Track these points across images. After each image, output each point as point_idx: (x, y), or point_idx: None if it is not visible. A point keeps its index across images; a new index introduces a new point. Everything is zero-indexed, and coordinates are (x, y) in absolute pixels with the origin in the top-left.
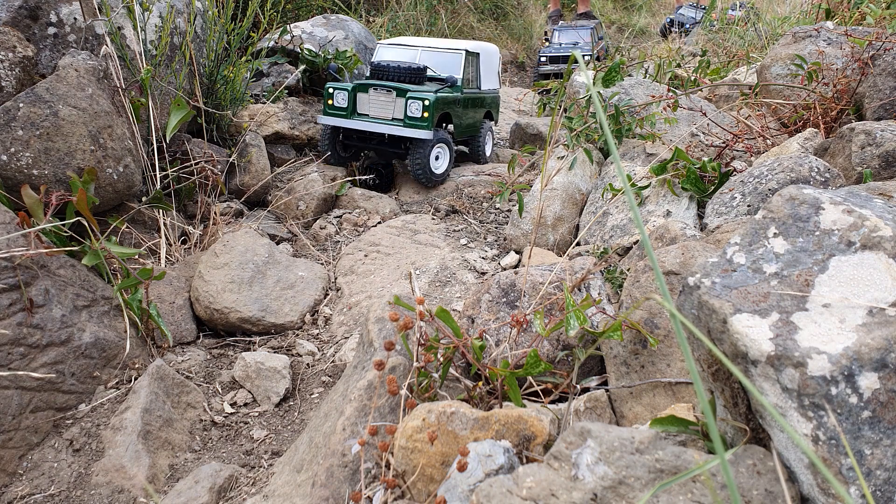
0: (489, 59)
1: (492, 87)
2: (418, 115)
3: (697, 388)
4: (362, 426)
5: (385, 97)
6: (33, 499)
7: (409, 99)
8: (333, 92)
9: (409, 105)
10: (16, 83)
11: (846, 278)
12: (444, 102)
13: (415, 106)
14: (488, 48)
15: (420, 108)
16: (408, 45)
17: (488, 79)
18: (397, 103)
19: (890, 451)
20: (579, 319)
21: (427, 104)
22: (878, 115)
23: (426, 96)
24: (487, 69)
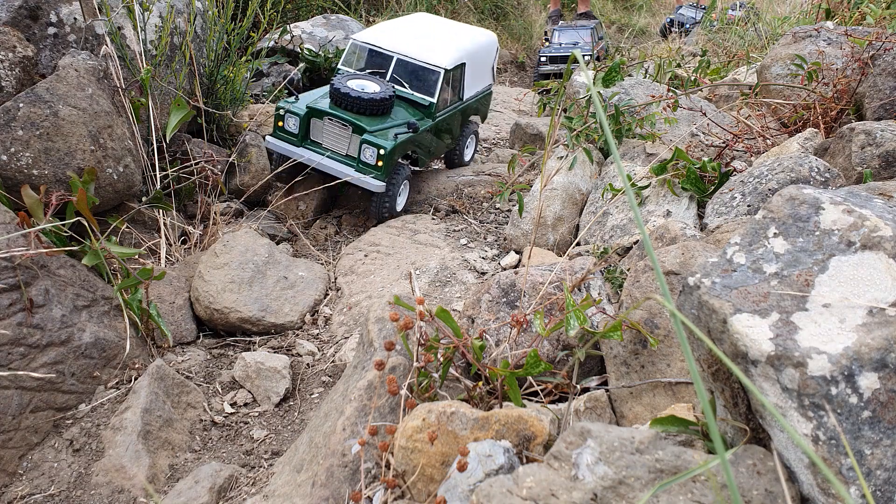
0: (482, 58)
1: (480, 89)
2: (371, 163)
3: (697, 388)
4: (362, 426)
5: (341, 130)
6: (33, 499)
7: (364, 143)
8: (284, 114)
9: (362, 149)
10: (16, 83)
11: (846, 278)
12: (405, 145)
13: (369, 152)
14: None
15: (374, 155)
16: (382, 48)
17: (477, 81)
18: (353, 140)
19: (890, 451)
20: (579, 319)
21: (382, 153)
22: (878, 115)
23: (382, 143)
24: (477, 70)
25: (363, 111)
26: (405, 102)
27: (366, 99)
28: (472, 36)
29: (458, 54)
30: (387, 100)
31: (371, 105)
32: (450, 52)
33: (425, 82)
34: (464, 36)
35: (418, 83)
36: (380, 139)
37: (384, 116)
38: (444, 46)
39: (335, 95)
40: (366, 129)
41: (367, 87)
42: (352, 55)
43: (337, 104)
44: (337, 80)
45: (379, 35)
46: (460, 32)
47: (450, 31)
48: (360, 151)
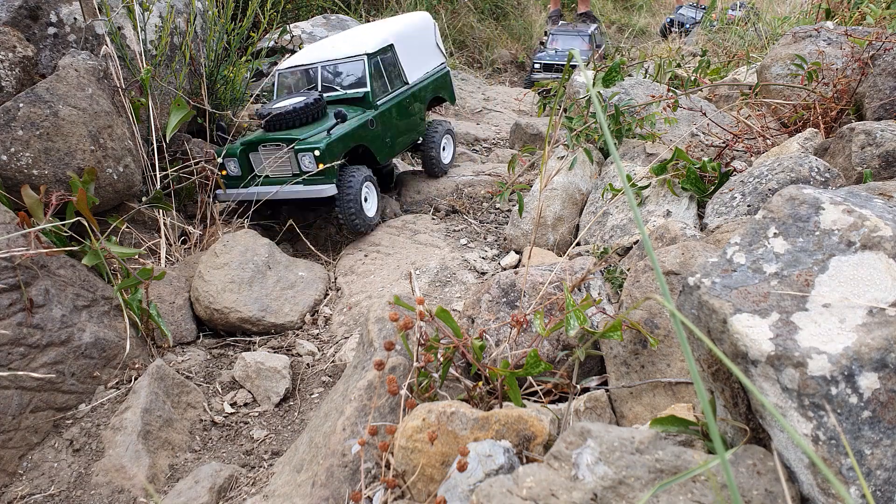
0: (416, 37)
1: (429, 69)
2: (312, 168)
3: (697, 388)
4: (362, 426)
5: (278, 152)
6: (33, 499)
7: (298, 152)
8: (224, 160)
9: (300, 159)
10: (16, 83)
11: (846, 278)
12: (345, 139)
13: (306, 159)
14: (411, 24)
15: (312, 160)
16: (304, 64)
17: (420, 62)
18: (292, 157)
19: (890, 451)
20: (579, 319)
21: (318, 154)
22: (878, 115)
23: (314, 144)
24: (415, 50)
25: (292, 124)
26: (342, 105)
27: (289, 111)
28: (397, 20)
29: (379, 38)
30: (311, 104)
31: (297, 115)
32: (369, 39)
33: (353, 76)
34: (386, 23)
35: (348, 80)
36: (312, 142)
37: (316, 123)
38: (364, 36)
39: (262, 119)
40: (299, 138)
41: (291, 102)
42: (282, 87)
43: (267, 129)
44: (264, 107)
45: (299, 56)
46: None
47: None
48: (299, 163)
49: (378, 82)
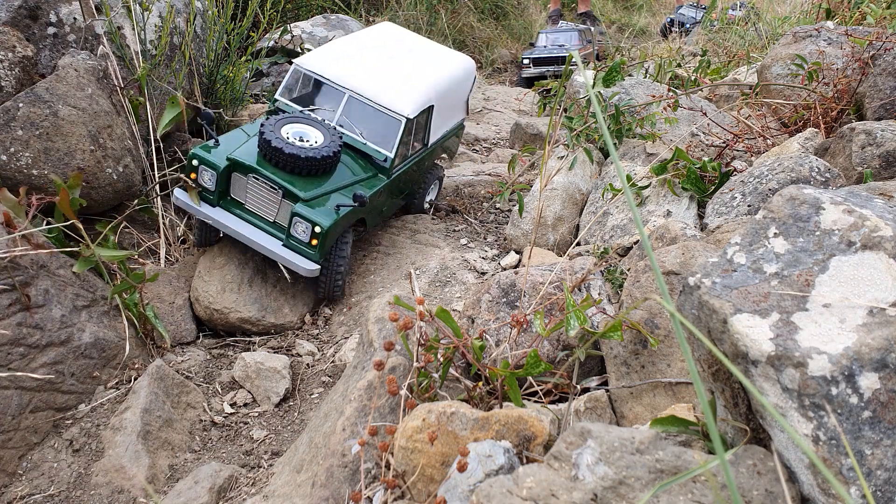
0: (455, 93)
1: (450, 128)
2: (304, 240)
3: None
4: (362, 426)
5: (269, 193)
6: (33, 499)
7: (295, 215)
8: (198, 166)
9: (294, 223)
10: (15, 83)
11: (846, 278)
12: (348, 218)
13: (301, 227)
14: (456, 77)
15: (308, 232)
16: (331, 81)
17: (447, 120)
18: (283, 207)
19: (890, 451)
20: (579, 319)
21: (319, 231)
22: (879, 114)
23: (319, 220)
24: (449, 108)
25: (299, 171)
26: (354, 153)
27: (303, 158)
28: (446, 67)
29: (424, 97)
30: (330, 157)
31: (310, 165)
32: (415, 96)
33: (382, 131)
34: (435, 68)
35: (373, 130)
36: (316, 213)
37: (325, 175)
38: (410, 87)
39: (265, 148)
40: (300, 196)
41: (306, 135)
42: (293, 83)
43: (266, 158)
44: (268, 127)
45: (329, 62)
46: (431, 62)
47: (419, 58)
48: (290, 223)
49: (403, 149)
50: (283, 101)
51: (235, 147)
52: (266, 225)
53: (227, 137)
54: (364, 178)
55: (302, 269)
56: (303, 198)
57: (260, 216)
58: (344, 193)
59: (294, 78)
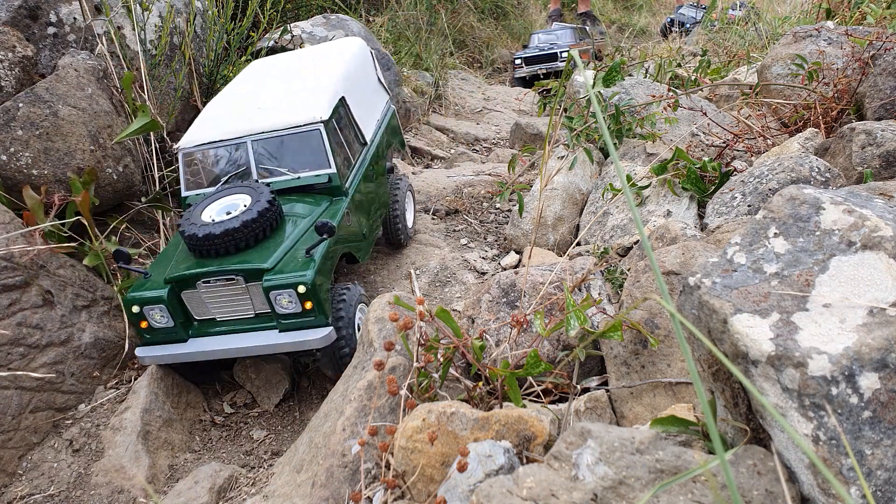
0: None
1: (379, 115)
2: (297, 311)
3: (697, 389)
4: (362, 426)
5: (229, 288)
6: (33, 499)
7: (270, 290)
8: (141, 310)
9: (274, 300)
10: (15, 83)
11: (847, 278)
12: (331, 257)
13: (285, 299)
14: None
15: (294, 299)
16: (227, 140)
17: (369, 110)
18: (253, 292)
19: (890, 451)
20: (579, 319)
21: (304, 291)
22: (879, 114)
23: (296, 278)
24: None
25: (243, 244)
26: (296, 194)
27: (240, 226)
28: (333, 55)
29: (330, 91)
30: (268, 210)
31: (251, 230)
32: (317, 95)
33: (307, 153)
34: (322, 62)
35: (298, 158)
36: (290, 273)
37: (276, 233)
38: (306, 91)
39: (192, 244)
40: (262, 267)
41: (233, 206)
42: (191, 172)
43: (203, 254)
44: (186, 222)
45: (209, 127)
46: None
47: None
48: (272, 304)
49: (340, 156)
50: (193, 196)
51: (167, 267)
52: (250, 324)
53: (155, 265)
54: (322, 211)
55: (315, 342)
56: (267, 268)
57: (238, 319)
58: (309, 236)
59: (187, 163)
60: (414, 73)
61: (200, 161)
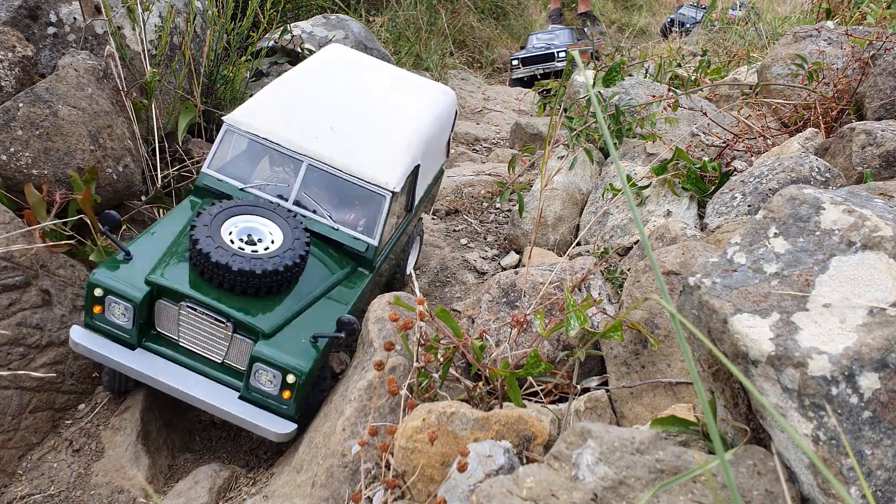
0: (438, 139)
1: (432, 179)
2: (273, 393)
3: (697, 389)
4: (362, 426)
5: (212, 326)
6: (33, 499)
7: (256, 361)
8: (104, 295)
9: (255, 371)
10: (15, 83)
11: (847, 278)
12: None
13: (267, 376)
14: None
15: (277, 382)
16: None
17: (429, 172)
18: (236, 344)
19: (890, 451)
20: (579, 319)
21: (292, 381)
22: (879, 114)
23: (293, 364)
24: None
25: (254, 290)
26: (321, 241)
27: (260, 274)
28: (427, 108)
29: (410, 157)
30: (297, 265)
31: (269, 281)
32: (399, 158)
33: (358, 210)
34: (414, 110)
35: (346, 208)
36: (288, 354)
37: (287, 294)
38: (390, 145)
39: (202, 263)
40: (260, 329)
41: (257, 233)
42: (228, 150)
43: (204, 276)
44: (202, 231)
45: (274, 117)
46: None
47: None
48: (250, 371)
49: (388, 228)
50: (214, 177)
51: (157, 259)
52: (212, 368)
53: (143, 244)
54: (341, 279)
55: (272, 433)
56: (265, 331)
57: (203, 357)
58: (319, 310)
59: (228, 142)
60: (414, 73)
61: (241, 146)
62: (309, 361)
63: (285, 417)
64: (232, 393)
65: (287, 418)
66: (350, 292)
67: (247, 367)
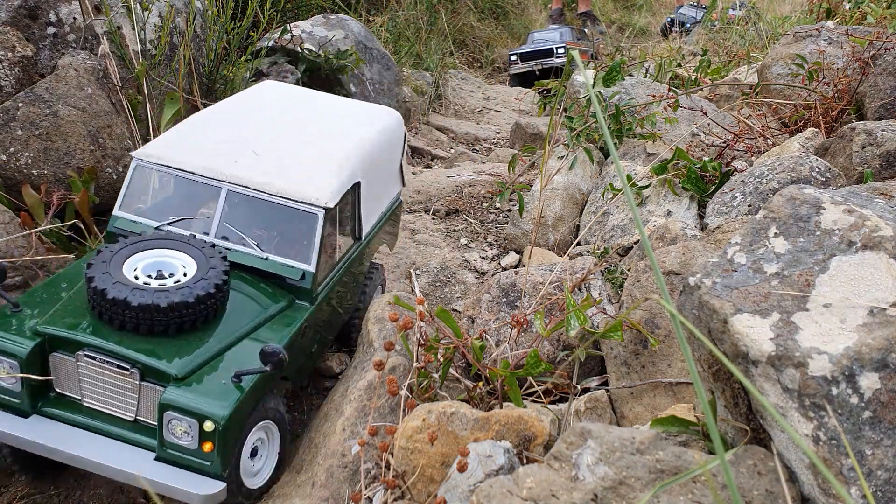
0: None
1: (385, 207)
2: (191, 447)
3: (698, 389)
4: (362, 426)
5: (117, 376)
6: (33, 499)
7: (166, 410)
8: None
9: (168, 422)
10: (15, 83)
11: (847, 278)
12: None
13: (181, 426)
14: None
15: (194, 433)
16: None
17: (380, 198)
18: (145, 394)
19: (891, 451)
20: (580, 319)
21: (210, 429)
22: (879, 114)
23: (209, 410)
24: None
25: (163, 329)
26: (250, 275)
27: (165, 307)
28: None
29: (347, 172)
30: (210, 297)
31: (179, 316)
32: (333, 173)
33: (290, 234)
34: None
35: (276, 235)
36: (202, 399)
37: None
38: (322, 161)
39: (99, 302)
40: (169, 372)
41: (168, 267)
42: (137, 190)
43: (104, 319)
44: (99, 268)
45: (188, 146)
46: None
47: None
48: (162, 423)
49: (326, 253)
50: (127, 219)
51: (51, 308)
52: (124, 430)
53: (38, 294)
54: (274, 314)
55: (193, 496)
56: (175, 375)
57: (110, 416)
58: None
59: (140, 179)
60: (414, 73)
61: (155, 183)
62: (229, 405)
63: (210, 475)
64: (146, 455)
65: (213, 476)
66: (285, 329)
67: (157, 417)
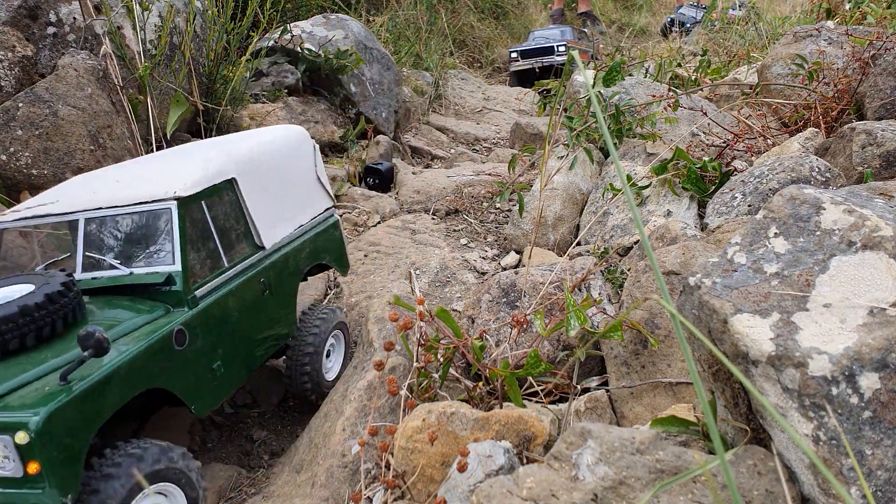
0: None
1: (305, 221)
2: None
3: (698, 389)
4: (362, 426)
5: None
6: None
7: None
8: None
9: None
10: (15, 83)
11: (847, 278)
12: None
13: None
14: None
15: (11, 453)
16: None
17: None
18: None
19: (891, 451)
20: (580, 319)
21: (27, 442)
22: (879, 114)
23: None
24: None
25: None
26: (113, 298)
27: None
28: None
29: (212, 167)
30: (60, 296)
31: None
32: (189, 170)
33: (149, 240)
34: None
35: (137, 247)
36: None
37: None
38: (180, 164)
39: None
40: None
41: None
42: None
43: None
44: None
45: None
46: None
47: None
48: None
49: (198, 253)
50: None
51: None
52: None
53: None
54: (138, 326)
55: None
56: None
57: None
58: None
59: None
60: (414, 73)
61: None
62: (47, 408)
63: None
64: None
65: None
66: (146, 338)
67: None
